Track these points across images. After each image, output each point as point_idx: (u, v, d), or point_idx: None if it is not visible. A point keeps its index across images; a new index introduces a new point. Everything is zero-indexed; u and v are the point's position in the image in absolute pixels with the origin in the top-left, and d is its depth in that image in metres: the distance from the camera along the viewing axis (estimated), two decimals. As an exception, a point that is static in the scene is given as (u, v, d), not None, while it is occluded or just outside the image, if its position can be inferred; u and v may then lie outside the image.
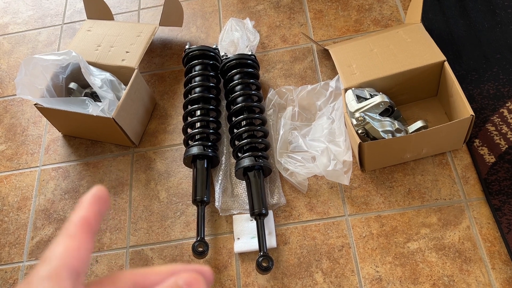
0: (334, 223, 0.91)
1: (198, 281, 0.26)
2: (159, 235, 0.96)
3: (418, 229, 0.88)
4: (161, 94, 1.14)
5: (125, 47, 1.07)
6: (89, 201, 0.27)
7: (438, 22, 1.10)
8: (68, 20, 1.34)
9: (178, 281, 0.26)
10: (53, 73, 1.02)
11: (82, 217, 0.26)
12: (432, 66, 0.91)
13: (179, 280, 0.26)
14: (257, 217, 0.89)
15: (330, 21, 1.18)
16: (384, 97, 0.86)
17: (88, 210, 0.27)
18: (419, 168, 0.94)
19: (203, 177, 0.94)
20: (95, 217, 0.27)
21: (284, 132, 0.98)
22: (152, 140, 1.08)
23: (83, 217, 0.26)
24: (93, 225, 0.26)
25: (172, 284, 0.25)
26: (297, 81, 1.10)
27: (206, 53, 1.05)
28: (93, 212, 0.27)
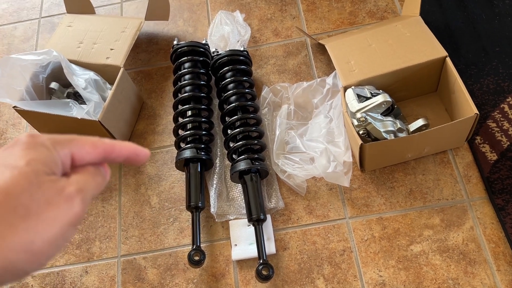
0: (334, 227, 0.88)
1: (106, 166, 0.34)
2: (151, 243, 0.91)
3: (421, 231, 0.85)
4: (148, 92, 1.09)
5: (109, 43, 1.01)
6: (132, 148, 0.34)
7: (435, 14, 1.07)
8: (45, 13, 1.27)
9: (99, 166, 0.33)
10: (33, 73, 0.96)
11: (112, 142, 0.33)
12: (433, 61, 0.88)
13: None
14: (255, 223, 0.85)
15: (323, 13, 1.13)
16: (386, 96, 0.82)
17: (122, 146, 0.33)
18: (420, 167, 0.91)
19: (197, 181, 0.90)
20: (118, 158, 0.33)
21: (281, 132, 0.94)
22: (140, 142, 1.03)
23: (113, 142, 0.33)
24: (110, 158, 0.33)
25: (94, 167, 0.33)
26: (291, 77, 1.05)
27: (196, 49, 1.00)
28: (121, 157, 0.33)
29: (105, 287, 0.88)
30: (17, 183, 0.27)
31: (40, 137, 0.30)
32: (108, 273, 0.89)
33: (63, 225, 0.28)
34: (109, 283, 0.88)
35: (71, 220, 0.29)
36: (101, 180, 0.33)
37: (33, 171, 0.28)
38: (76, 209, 0.29)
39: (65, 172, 0.31)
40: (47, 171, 0.29)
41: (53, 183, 0.29)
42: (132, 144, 0.34)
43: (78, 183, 0.30)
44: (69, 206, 0.29)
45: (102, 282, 0.89)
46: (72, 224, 0.29)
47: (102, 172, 0.33)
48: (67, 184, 0.29)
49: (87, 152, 0.32)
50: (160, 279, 0.87)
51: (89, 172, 0.32)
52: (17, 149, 0.29)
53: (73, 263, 0.91)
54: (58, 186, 0.29)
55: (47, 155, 0.29)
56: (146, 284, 0.87)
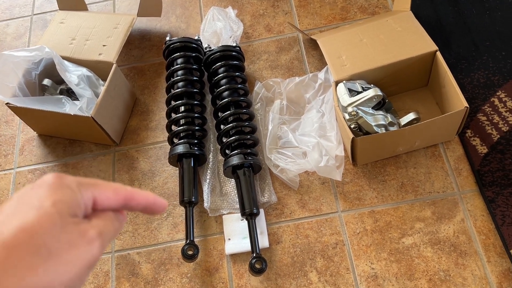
0: (327, 220, 0.89)
1: (124, 213, 0.34)
2: (145, 238, 0.92)
3: (412, 223, 0.86)
4: (141, 88, 1.09)
5: (101, 40, 1.01)
6: (151, 199, 0.34)
7: (426, 9, 1.07)
8: (38, 10, 1.26)
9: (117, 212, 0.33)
10: (25, 70, 0.96)
11: (132, 190, 0.33)
12: (423, 56, 0.88)
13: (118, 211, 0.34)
14: (248, 217, 0.86)
15: (315, 9, 1.14)
16: (377, 90, 0.83)
17: (142, 200, 0.34)
18: (411, 161, 0.92)
19: (190, 176, 0.90)
20: (139, 203, 0.34)
21: (273, 127, 0.94)
22: (134, 138, 1.03)
23: (133, 191, 0.33)
24: (129, 206, 0.33)
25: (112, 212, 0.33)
26: (284, 72, 1.06)
27: (188, 45, 1.00)
28: (139, 205, 0.34)
29: (100, 282, 0.88)
30: (42, 224, 0.28)
31: (66, 178, 0.31)
32: (102, 268, 0.90)
33: (82, 268, 0.29)
34: (103, 279, 0.89)
35: (89, 263, 0.29)
36: (119, 226, 0.33)
37: (58, 213, 0.28)
38: (95, 251, 0.30)
39: (86, 214, 0.32)
40: (71, 213, 0.29)
41: (76, 226, 0.29)
42: (151, 195, 0.35)
43: (99, 227, 0.31)
44: (89, 248, 0.29)
45: (96, 278, 0.89)
46: (89, 266, 0.29)
47: (120, 219, 0.34)
48: (89, 227, 0.30)
49: (108, 198, 0.33)
50: (154, 273, 0.88)
51: (109, 217, 0.32)
52: (44, 189, 0.29)
53: (67, 259, 0.91)
54: (81, 229, 0.29)
55: (72, 197, 0.30)
56: (140, 279, 0.88)
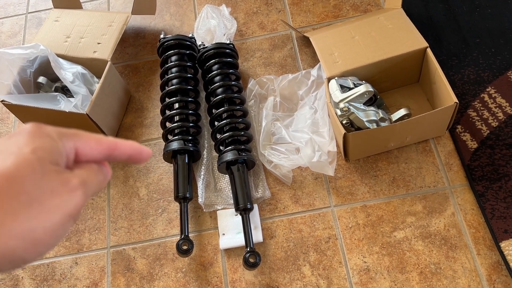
0: (320, 215, 0.90)
1: (108, 165, 0.34)
2: (140, 233, 0.93)
3: (403, 217, 0.88)
4: (136, 86, 1.10)
5: (96, 38, 1.01)
6: (136, 147, 0.34)
7: (417, 7, 1.09)
8: (32, 9, 1.27)
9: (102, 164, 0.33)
10: (20, 67, 0.97)
11: (116, 140, 0.33)
12: (414, 52, 0.90)
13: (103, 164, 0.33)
14: (242, 212, 0.87)
15: (308, 6, 1.15)
16: (369, 86, 0.84)
17: (127, 149, 0.33)
18: (402, 156, 0.93)
19: (184, 172, 0.91)
20: (121, 156, 0.33)
21: (267, 123, 0.96)
22: (128, 135, 1.04)
23: (117, 141, 0.33)
24: (113, 156, 0.33)
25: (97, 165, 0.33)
26: (277, 69, 1.07)
27: (182, 42, 1.01)
28: (124, 155, 0.33)
29: (95, 277, 0.89)
30: (21, 170, 0.27)
31: (46, 127, 0.30)
32: (98, 264, 0.91)
33: (64, 215, 0.28)
34: (99, 274, 0.90)
35: (72, 211, 0.29)
36: (103, 178, 0.33)
37: (38, 159, 0.28)
38: (78, 200, 0.29)
39: (68, 165, 0.31)
40: (52, 160, 0.29)
41: (58, 174, 0.29)
42: (135, 143, 0.34)
43: (82, 176, 0.30)
44: (71, 197, 0.29)
45: (92, 273, 0.90)
46: (72, 215, 0.29)
47: (104, 171, 0.33)
48: (71, 176, 0.30)
49: (91, 148, 0.32)
50: (149, 268, 0.89)
51: (92, 168, 0.32)
52: (22, 137, 0.29)
53: (63, 255, 0.92)
54: (62, 177, 0.29)
55: (53, 145, 0.29)
56: (136, 274, 0.89)
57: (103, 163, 0.33)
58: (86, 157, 0.32)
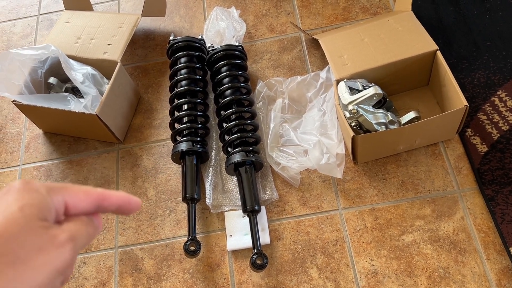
0: (327, 217, 0.90)
1: (100, 217, 0.34)
2: (148, 234, 0.93)
3: (412, 221, 0.87)
4: (145, 87, 1.11)
5: (106, 39, 1.02)
6: (124, 196, 0.34)
7: (427, 9, 1.08)
8: (44, 10, 1.28)
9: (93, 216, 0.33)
10: (31, 68, 0.98)
11: (104, 192, 0.33)
12: (424, 55, 0.89)
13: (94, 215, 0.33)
14: (250, 214, 0.87)
15: (317, 9, 1.15)
16: (378, 88, 0.84)
17: (115, 196, 0.33)
18: (411, 159, 0.93)
19: (192, 173, 0.91)
20: (111, 204, 0.33)
21: (275, 125, 0.96)
22: (137, 136, 1.04)
23: (105, 193, 0.33)
24: (102, 207, 0.33)
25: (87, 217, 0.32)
26: (286, 72, 1.07)
27: (192, 44, 1.02)
28: (113, 205, 0.33)
29: (103, 277, 0.90)
30: (7, 229, 0.27)
31: (34, 183, 0.30)
32: (105, 264, 0.91)
33: (52, 272, 0.28)
34: (106, 274, 0.90)
35: (60, 267, 0.28)
36: (93, 230, 0.32)
37: (24, 217, 0.28)
38: (66, 256, 0.29)
39: (58, 219, 0.31)
40: (40, 216, 0.29)
41: (45, 230, 0.28)
42: (124, 194, 0.34)
43: (70, 231, 0.30)
44: (59, 252, 0.28)
45: (100, 273, 0.90)
46: (59, 271, 0.28)
47: (94, 223, 0.33)
48: (59, 231, 0.29)
49: (80, 200, 0.32)
50: (156, 269, 0.89)
51: (82, 221, 0.32)
52: (11, 195, 0.29)
53: (71, 254, 0.92)
54: (50, 233, 0.29)
55: (41, 200, 0.29)
56: (143, 274, 0.89)
57: (95, 215, 0.33)
58: (76, 209, 0.32)
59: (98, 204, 0.33)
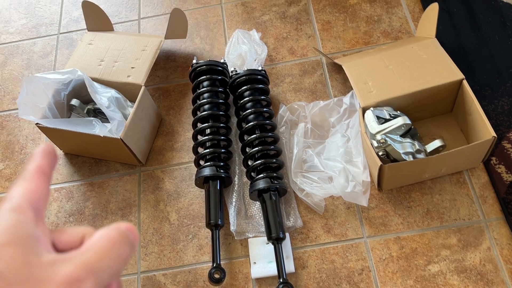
0: (352, 246, 0.89)
1: (134, 230, 0.28)
2: (171, 259, 0.92)
3: (438, 250, 0.87)
4: (166, 109, 1.11)
5: (130, 62, 1.02)
6: (40, 154, 0.30)
7: (449, 35, 1.08)
8: (64, 29, 1.29)
9: (120, 226, 0.27)
10: (55, 90, 0.98)
11: (36, 165, 0.29)
12: (450, 84, 0.89)
13: (120, 226, 0.27)
14: (275, 242, 0.86)
15: (338, 32, 1.15)
16: (406, 119, 0.84)
17: (40, 160, 0.29)
18: (436, 187, 0.92)
19: (216, 199, 0.91)
20: (48, 166, 0.29)
21: (298, 150, 0.95)
22: (159, 158, 1.04)
23: (37, 165, 0.29)
24: (46, 171, 0.29)
25: (115, 227, 0.27)
26: (308, 95, 1.07)
27: (214, 68, 1.02)
28: (45, 162, 0.29)
29: (125, 303, 0.89)
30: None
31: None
32: (128, 289, 0.91)
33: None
34: (129, 300, 0.89)
35: None
36: (127, 250, 0.27)
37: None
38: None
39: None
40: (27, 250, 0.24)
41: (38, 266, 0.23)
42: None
43: (83, 259, 0.25)
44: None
45: (122, 298, 0.90)
46: None
47: (129, 238, 0.27)
48: (62, 264, 0.24)
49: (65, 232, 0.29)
50: (180, 296, 0.88)
51: (103, 240, 0.26)
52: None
53: (93, 279, 0.92)
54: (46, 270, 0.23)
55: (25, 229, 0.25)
56: (166, 301, 0.88)
57: (127, 226, 0.27)
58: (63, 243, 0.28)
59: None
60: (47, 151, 0.30)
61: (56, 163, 0.31)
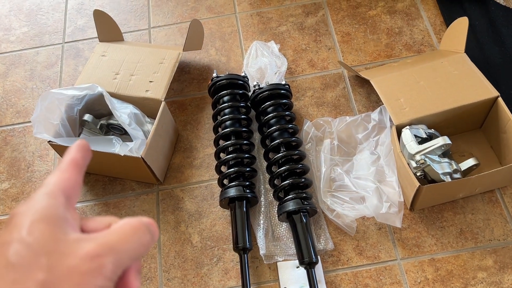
0: (386, 268, 0.86)
1: (155, 224, 0.30)
2: (195, 284, 0.88)
3: (474, 273, 0.84)
4: (183, 124, 1.06)
5: (147, 75, 0.97)
6: (75, 148, 0.31)
7: (472, 49, 1.07)
8: (69, 38, 1.23)
9: (142, 218, 0.29)
10: (67, 105, 0.92)
11: (71, 157, 0.31)
12: (484, 101, 0.87)
13: (143, 218, 0.29)
14: (307, 267, 0.82)
15: (359, 45, 1.12)
16: (446, 139, 0.81)
17: (75, 154, 0.31)
18: (468, 206, 0.90)
19: (243, 221, 0.87)
20: (82, 159, 0.31)
21: (326, 169, 0.92)
22: (178, 176, 0.99)
23: (71, 157, 0.31)
24: (80, 164, 0.31)
25: (138, 218, 0.29)
26: (331, 110, 1.04)
27: (235, 82, 0.98)
28: (79, 155, 0.31)
29: (149, 333, 0.84)
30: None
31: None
32: (150, 317, 0.86)
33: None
34: (152, 329, 0.84)
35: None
36: (148, 238, 0.29)
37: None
38: (98, 278, 0.26)
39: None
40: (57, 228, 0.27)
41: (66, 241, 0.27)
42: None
43: (106, 239, 0.27)
44: (88, 273, 0.25)
45: (144, 328, 0.85)
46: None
47: (151, 229, 0.30)
48: (86, 241, 0.27)
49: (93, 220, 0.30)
50: (207, 324, 0.84)
51: (125, 226, 0.29)
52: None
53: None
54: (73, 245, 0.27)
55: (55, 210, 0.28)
56: (193, 329, 0.84)
57: (148, 221, 0.30)
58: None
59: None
60: (82, 145, 0.32)
61: (90, 158, 0.32)
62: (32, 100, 1.13)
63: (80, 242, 0.26)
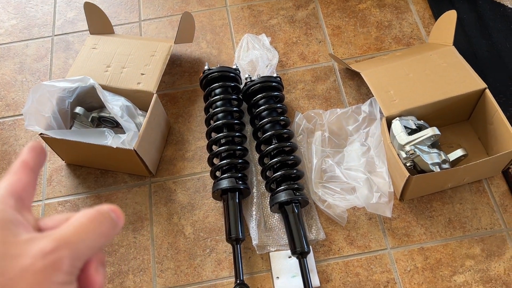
0: (376, 257, 0.88)
1: (117, 210, 0.29)
2: (188, 275, 0.88)
3: (462, 261, 0.86)
4: (175, 116, 1.06)
5: (139, 68, 0.97)
6: (25, 150, 0.31)
7: (460, 43, 1.08)
8: (59, 31, 1.22)
9: (102, 207, 0.29)
10: (59, 98, 0.92)
11: (21, 160, 0.30)
12: (472, 93, 0.89)
13: (102, 206, 0.29)
14: (299, 256, 0.84)
15: (349, 38, 1.13)
16: (435, 130, 0.83)
17: (25, 155, 0.30)
18: (457, 196, 0.92)
19: (236, 212, 0.88)
20: (32, 160, 0.30)
21: (318, 160, 0.93)
22: (170, 169, 1.00)
23: (21, 160, 0.30)
24: (31, 165, 0.30)
25: (96, 208, 0.28)
26: (322, 102, 1.05)
27: (226, 74, 0.98)
28: (29, 156, 0.30)
29: (142, 323, 0.85)
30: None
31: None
32: (144, 308, 0.86)
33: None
34: (146, 320, 0.85)
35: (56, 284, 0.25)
36: (109, 227, 0.29)
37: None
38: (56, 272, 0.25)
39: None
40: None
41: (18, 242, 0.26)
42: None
43: (61, 235, 0.27)
44: (44, 269, 0.25)
45: (138, 318, 0.85)
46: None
47: (112, 216, 0.29)
48: (40, 238, 0.26)
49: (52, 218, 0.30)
50: (200, 314, 0.85)
51: (81, 218, 0.28)
52: None
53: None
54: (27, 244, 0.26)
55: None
56: (186, 319, 0.84)
57: (112, 208, 0.29)
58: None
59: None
60: (32, 147, 0.31)
61: (45, 158, 0.31)
62: (22, 93, 1.12)
63: (33, 241, 0.26)
